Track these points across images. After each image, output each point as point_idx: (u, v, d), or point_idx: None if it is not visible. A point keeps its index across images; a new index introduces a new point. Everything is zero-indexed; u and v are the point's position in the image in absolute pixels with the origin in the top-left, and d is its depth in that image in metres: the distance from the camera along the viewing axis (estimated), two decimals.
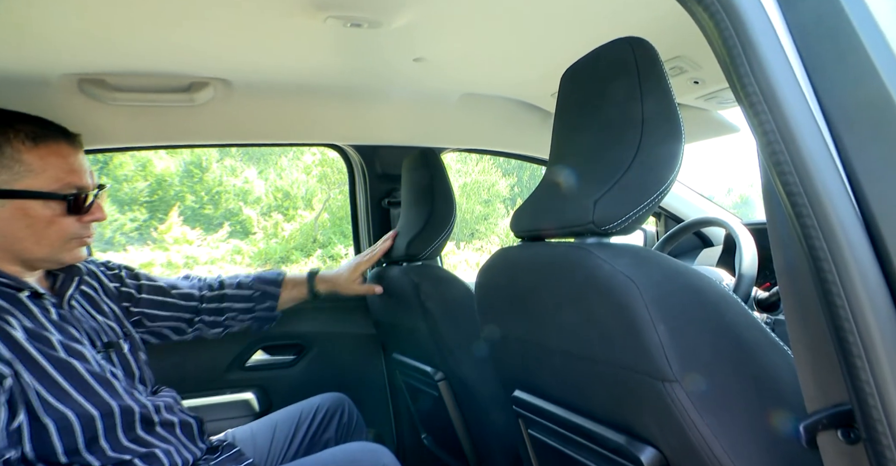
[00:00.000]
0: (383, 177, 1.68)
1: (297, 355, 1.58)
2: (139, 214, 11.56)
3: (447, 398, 1.25)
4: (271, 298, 1.30)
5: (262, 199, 12.69)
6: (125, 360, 0.98)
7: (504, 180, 15.02)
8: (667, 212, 1.76)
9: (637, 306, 0.57)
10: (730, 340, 0.57)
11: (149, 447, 0.89)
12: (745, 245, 1.13)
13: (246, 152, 13.25)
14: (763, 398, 0.55)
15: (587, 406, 0.74)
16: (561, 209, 0.74)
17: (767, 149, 0.45)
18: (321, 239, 12.18)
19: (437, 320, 1.19)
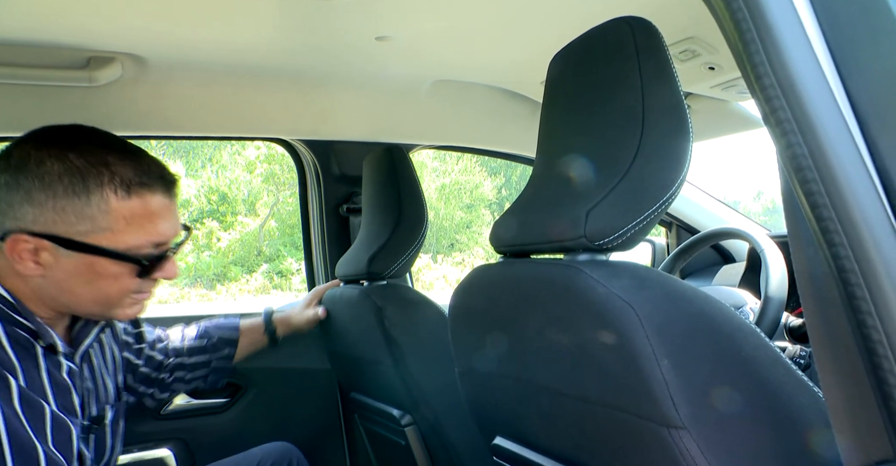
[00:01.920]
0: (341, 178, 1.67)
1: (230, 397, 1.55)
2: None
3: (416, 447, 1.24)
4: (229, 345, 1.33)
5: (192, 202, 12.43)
6: (101, 438, 0.97)
7: (490, 181, 15.12)
8: (679, 222, 1.79)
9: (636, 337, 0.57)
10: (748, 379, 0.57)
11: None
12: (772, 261, 1.15)
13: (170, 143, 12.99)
14: (790, 450, 0.56)
15: (580, 457, 0.73)
16: (548, 220, 0.74)
17: (787, 151, 0.45)
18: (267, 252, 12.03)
19: (405, 352, 1.19)
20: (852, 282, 0.43)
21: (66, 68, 1.20)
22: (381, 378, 1.28)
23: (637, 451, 0.62)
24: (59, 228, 0.81)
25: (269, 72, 1.35)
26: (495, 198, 15.02)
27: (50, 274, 0.84)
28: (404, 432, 1.23)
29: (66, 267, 0.83)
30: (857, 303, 0.43)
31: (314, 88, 1.43)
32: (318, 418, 1.62)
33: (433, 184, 13.98)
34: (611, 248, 0.70)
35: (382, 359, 1.22)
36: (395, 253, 1.30)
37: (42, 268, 0.83)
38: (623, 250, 0.72)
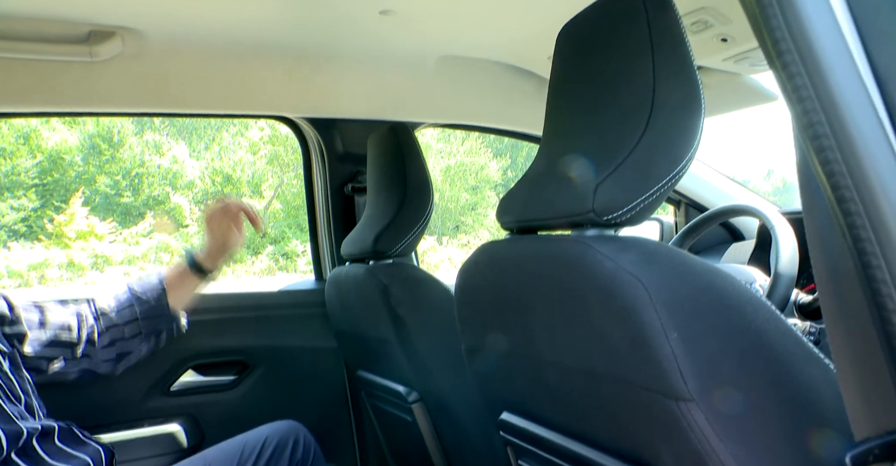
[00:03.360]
0: (345, 157, 1.66)
1: (237, 375, 1.56)
2: (26, 201, 10.93)
3: (423, 423, 1.25)
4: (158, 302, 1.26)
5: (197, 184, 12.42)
6: (7, 380, 0.95)
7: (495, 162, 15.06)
8: (687, 200, 1.78)
9: (645, 311, 0.57)
10: (758, 351, 0.57)
11: None
12: (783, 238, 1.14)
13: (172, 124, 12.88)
14: (800, 421, 0.56)
15: (587, 431, 0.74)
16: (556, 196, 0.73)
17: (804, 122, 0.44)
18: (272, 234, 12.07)
19: (411, 330, 1.19)
20: (868, 252, 0.42)
21: (66, 42, 1.19)
22: (387, 356, 1.29)
23: (644, 424, 0.63)
24: None
25: (271, 48, 1.33)
26: (501, 179, 14.97)
27: None
28: (411, 409, 1.24)
29: None
30: (872, 272, 0.42)
31: (317, 64, 1.42)
32: (324, 396, 1.64)
33: (438, 166, 13.95)
34: (619, 223, 0.69)
35: (388, 337, 1.23)
36: (400, 231, 1.30)
37: None
38: (631, 225, 0.72)
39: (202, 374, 1.56)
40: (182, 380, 1.52)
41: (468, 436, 1.18)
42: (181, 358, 1.49)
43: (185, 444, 1.45)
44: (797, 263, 1.12)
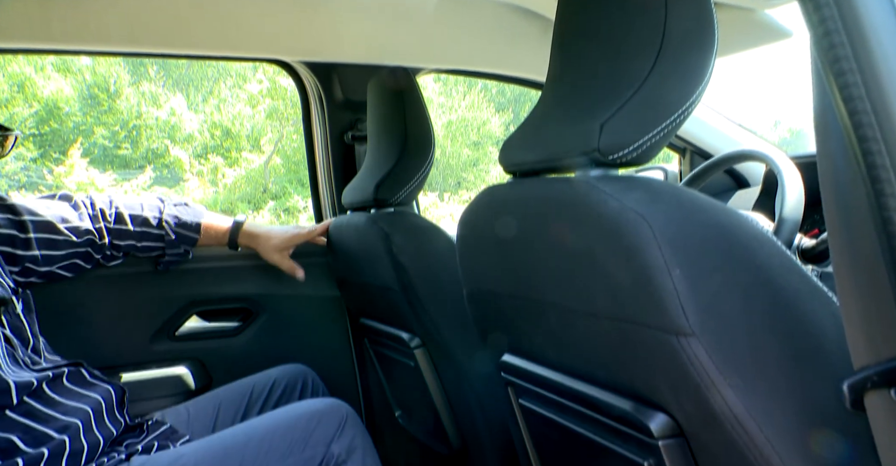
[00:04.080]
0: (345, 104, 1.63)
1: (241, 322, 1.58)
2: (25, 151, 10.90)
3: (425, 368, 1.27)
4: (188, 243, 1.35)
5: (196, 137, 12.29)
6: (18, 323, 0.96)
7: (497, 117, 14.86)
8: (693, 147, 1.75)
9: (649, 248, 0.57)
10: (762, 287, 0.57)
11: (45, 422, 0.89)
12: (789, 182, 1.13)
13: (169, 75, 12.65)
14: (800, 353, 0.56)
15: (587, 370, 0.75)
16: (559, 136, 0.72)
17: (828, 54, 0.42)
18: (273, 189, 12.03)
19: (413, 277, 1.19)
20: (882, 179, 0.41)
21: None
22: (389, 303, 1.29)
23: (644, 360, 0.63)
24: None
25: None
26: (503, 135, 14.80)
27: None
28: (413, 354, 1.26)
29: None
30: (885, 201, 0.41)
31: (315, 4, 1.37)
32: (327, 343, 1.66)
33: (439, 121, 13.78)
34: (624, 163, 0.68)
35: (391, 285, 1.23)
36: (402, 179, 1.29)
37: None
38: (636, 165, 0.70)
39: (206, 320, 1.58)
40: (188, 326, 1.54)
41: (469, 379, 1.20)
42: (185, 303, 1.50)
43: (192, 386, 1.48)
44: (802, 208, 1.11)
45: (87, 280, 1.36)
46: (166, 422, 1.13)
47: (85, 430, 0.92)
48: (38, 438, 0.87)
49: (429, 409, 1.33)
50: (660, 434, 0.63)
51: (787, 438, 0.54)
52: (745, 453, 0.56)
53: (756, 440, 0.55)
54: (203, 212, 1.40)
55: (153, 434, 1.05)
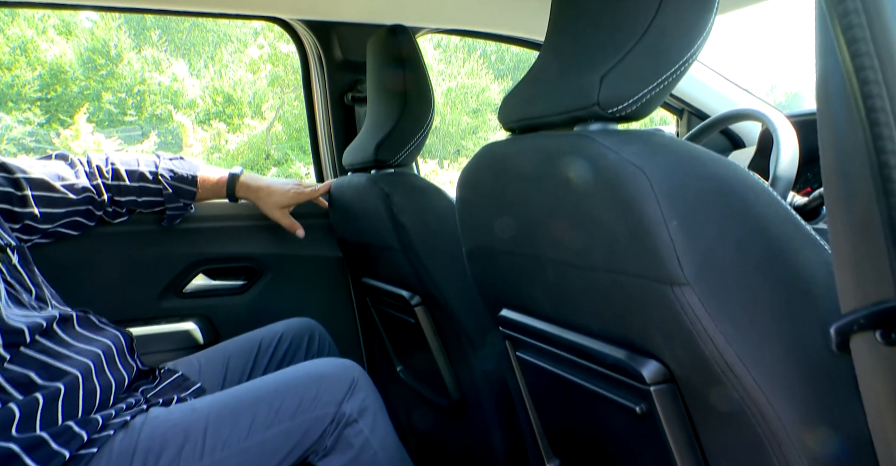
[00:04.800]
0: (345, 65, 1.59)
1: (247, 280, 1.59)
2: (32, 116, 10.84)
3: (425, 324, 1.28)
4: (186, 197, 1.34)
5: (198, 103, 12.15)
6: (16, 273, 0.96)
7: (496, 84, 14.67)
8: (691, 108, 1.73)
9: (646, 201, 0.56)
10: (756, 236, 0.56)
11: (58, 359, 0.90)
12: (784, 140, 1.12)
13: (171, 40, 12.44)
14: (791, 300, 0.56)
15: (583, 322, 0.75)
16: (558, 91, 0.71)
17: (839, 10, 0.41)
18: (276, 156, 11.95)
19: (413, 237, 1.19)
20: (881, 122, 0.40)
21: None
22: (390, 262, 1.30)
23: (638, 311, 0.63)
24: None
25: None
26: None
27: None
28: (414, 311, 1.27)
29: None
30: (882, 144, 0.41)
31: None
32: (330, 301, 1.67)
33: (439, 89, 13.60)
34: (623, 117, 0.67)
35: (391, 244, 1.23)
36: (401, 140, 1.27)
37: None
38: (635, 119, 0.69)
39: (213, 279, 1.58)
40: (194, 283, 1.55)
41: (468, 334, 1.21)
42: (192, 262, 1.50)
43: (200, 341, 1.50)
44: (796, 166, 1.11)
45: (94, 237, 1.36)
46: (178, 371, 1.14)
47: (97, 372, 0.93)
48: (54, 373, 0.87)
49: (429, 364, 1.34)
50: (652, 380, 0.64)
51: (774, 380, 0.55)
52: (733, 394, 0.56)
53: (744, 382, 0.55)
54: (199, 165, 1.38)
55: (166, 382, 1.06)
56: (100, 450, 0.86)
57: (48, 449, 0.82)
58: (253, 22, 12.60)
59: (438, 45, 14.29)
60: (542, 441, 0.97)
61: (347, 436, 0.97)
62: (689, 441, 0.65)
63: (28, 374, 0.85)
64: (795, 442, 0.55)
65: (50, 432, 0.83)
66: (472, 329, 1.21)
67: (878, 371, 0.47)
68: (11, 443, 0.80)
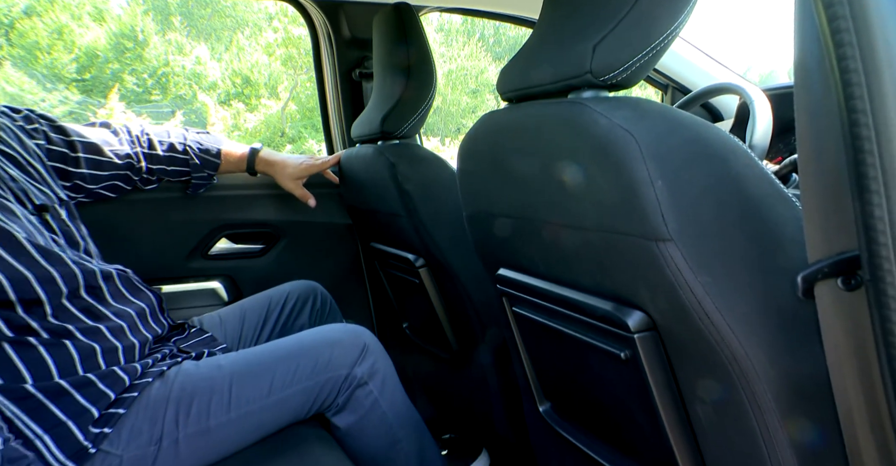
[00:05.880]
0: (352, 42, 1.56)
1: (265, 244, 1.59)
2: (70, 95, 10.91)
3: (428, 284, 1.28)
4: (210, 168, 1.34)
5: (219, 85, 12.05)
6: (65, 227, 0.96)
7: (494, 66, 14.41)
8: (675, 83, 1.70)
9: (635, 163, 0.55)
10: (735, 194, 0.56)
11: (99, 319, 0.90)
12: (759, 112, 1.10)
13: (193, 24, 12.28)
14: (763, 252, 0.56)
15: (574, 278, 0.75)
16: (553, 61, 0.69)
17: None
18: (290, 134, 11.86)
19: (417, 203, 1.19)
20: (853, 83, 0.40)
21: None
22: (396, 227, 1.29)
23: (625, 266, 0.64)
24: None
25: None
26: None
27: None
28: (418, 272, 1.27)
29: None
30: (853, 103, 0.40)
31: None
32: (342, 264, 1.68)
33: (440, 71, 13.38)
34: (614, 85, 0.66)
35: (397, 211, 1.23)
36: (406, 112, 1.26)
37: None
38: (625, 86, 0.68)
39: (235, 243, 1.59)
40: (218, 247, 1.55)
41: (467, 292, 1.22)
42: (215, 226, 1.51)
43: (225, 298, 1.51)
44: (770, 136, 1.10)
45: (129, 202, 1.36)
46: (204, 327, 1.16)
47: (132, 330, 0.94)
48: (91, 331, 0.88)
49: (432, 320, 1.36)
50: (636, 328, 0.64)
51: (746, 325, 0.55)
52: (709, 339, 0.57)
53: (719, 327, 0.56)
54: (223, 139, 1.38)
55: (195, 339, 1.07)
56: (139, 395, 0.87)
57: (96, 388, 0.84)
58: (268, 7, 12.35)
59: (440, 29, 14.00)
60: (535, 386, 0.98)
61: (358, 397, 0.99)
62: (668, 381, 0.66)
63: (68, 327, 0.86)
64: (763, 380, 0.56)
65: (96, 374, 0.85)
66: (471, 287, 1.22)
67: (837, 312, 0.47)
68: (62, 380, 0.82)
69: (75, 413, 0.81)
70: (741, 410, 0.58)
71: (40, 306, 0.83)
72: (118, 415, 0.84)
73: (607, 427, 0.83)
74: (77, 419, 0.81)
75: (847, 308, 0.46)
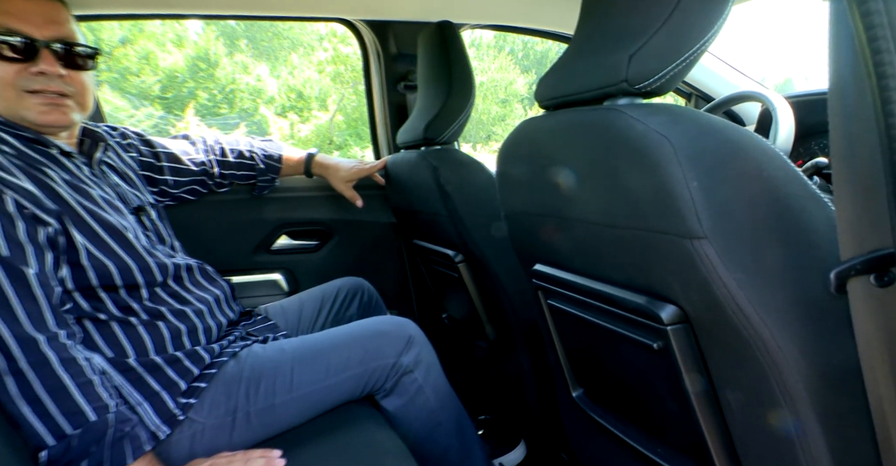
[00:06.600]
0: (398, 57, 1.58)
1: (320, 241, 1.62)
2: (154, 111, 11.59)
3: (466, 278, 1.28)
4: (273, 172, 1.39)
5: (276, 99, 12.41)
6: (155, 226, 1.01)
7: (522, 78, 14.29)
8: (698, 92, 1.65)
9: (670, 165, 0.54)
10: (767, 195, 0.54)
11: (184, 303, 0.95)
12: (782, 117, 1.06)
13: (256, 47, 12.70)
14: (796, 249, 0.54)
15: (607, 273, 0.74)
16: (590, 70, 0.68)
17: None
18: (337, 142, 12.06)
19: (457, 204, 1.19)
20: (891, 88, 0.38)
21: None
22: (437, 226, 1.30)
23: (659, 262, 0.62)
24: None
25: None
26: (527, 93, 14.31)
27: None
28: (458, 267, 1.27)
29: None
30: (891, 108, 0.38)
31: None
32: (386, 259, 1.69)
33: None
34: (649, 92, 0.64)
35: (438, 211, 1.23)
36: (447, 120, 1.26)
37: None
38: (659, 94, 0.66)
39: (294, 239, 1.62)
40: (279, 242, 1.59)
41: (502, 285, 1.21)
42: (277, 225, 1.54)
43: (285, 288, 1.55)
44: (792, 141, 1.06)
45: (204, 204, 1.41)
46: (268, 314, 1.19)
47: (210, 314, 0.98)
48: (178, 313, 0.93)
49: (469, 311, 1.36)
50: (669, 321, 0.63)
51: (778, 318, 0.54)
52: (741, 331, 0.55)
53: (752, 321, 0.54)
54: (283, 146, 1.43)
55: (261, 325, 1.11)
56: (217, 372, 0.91)
57: (183, 365, 0.88)
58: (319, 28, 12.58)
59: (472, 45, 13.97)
60: (567, 372, 0.97)
61: (404, 383, 1.00)
62: (699, 370, 0.64)
63: (161, 310, 0.91)
64: (794, 370, 0.54)
65: (183, 352, 0.89)
66: (506, 281, 1.21)
67: (870, 308, 0.45)
68: (156, 357, 0.87)
69: (167, 384, 0.86)
70: (772, 398, 0.56)
71: (138, 290, 0.89)
72: (201, 389, 0.88)
73: (638, 412, 0.82)
74: (169, 390, 0.86)
75: (879, 303, 0.44)
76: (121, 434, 0.76)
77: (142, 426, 0.80)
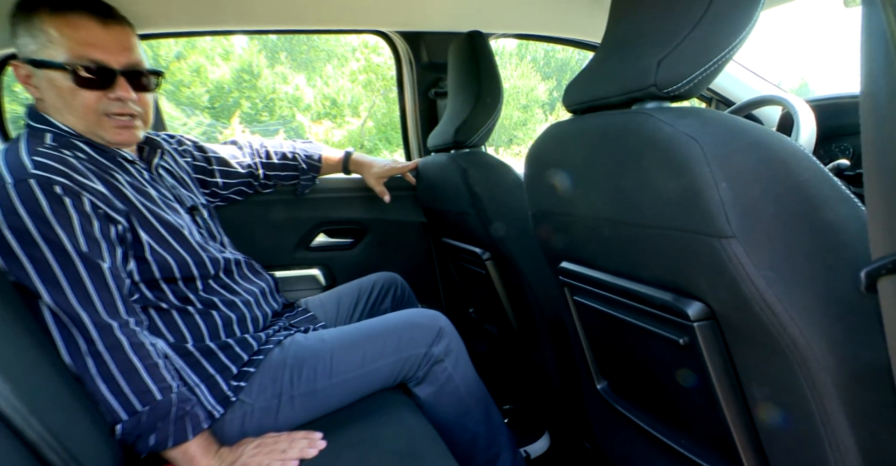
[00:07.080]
0: (429, 66, 1.58)
1: (355, 239, 1.64)
2: (203, 119, 12.04)
3: (493, 275, 1.28)
4: (314, 171, 1.42)
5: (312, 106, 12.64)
6: (207, 224, 1.05)
7: (543, 84, 14.15)
8: (718, 96, 1.61)
9: (699, 166, 0.53)
10: (796, 194, 0.52)
11: (234, 294, 0.98)
12: (804, 121, 1.02)
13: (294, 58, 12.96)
14: (826, 249, 0.52)
15: (634, 271, 0.72)
16: (618, 75, 0.67)
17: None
18: (367, 146, 12.18)
19: (485, 204, 1.18)
20: None
21: None
22: (465, 225, 1.30)
23: (686, 260, 0.61)
24: (27, 50, 0.81)
25: None
26: (547, 99, 14.17)
27: (44, 95, 0.83)
28: (485, 264, 1.27)
29: (43, 85, 0.82)
30: None
31: None
32: (417, 256, 1.70)
33: None
34: (676, 96, 0.63)
35: (467, 210, 1.23)
36: (476, 124, 1.26)
37: (38, 91, 0.84)
38: (686, 98, 0.65)
39: (331, 237, 1.64)
40: (318, 240, 1.61)
41: (528, 281, 1.20)
42: (316, 223, 1.56)
43: (323, 283, 1.57)
44: (814, 143, 1.02)
45: (250, 204, 1.44)
46: (308, 307, 1.21)
47: (256, 305, 1.00)
48: (229, 303, 0.96)
49: (496, 305, 1.35)
50: (696, 317, 0.61)
51: (806, 315, 0.52)
52: (770, 328, 0.53)
53: (781, 318, 0.52)
54: (322, 147, 1.46)
55: (302, 317, 1.13)
56: (264, 358, 0.93)
57: (233, 351, 0.91)
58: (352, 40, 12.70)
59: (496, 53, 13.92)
60: (592, 365, 0.96)
61: (435, 372, 1.00)
62: (725, 365, 0.63)
63: (213, 300, 0.94)
64: (823, 366, 0.52)
65: (234, 339, 0.92)
66: (532, 278, 1.20)
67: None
68: (211, 343, 0.90)
69: (220, 368, 0.89)
70: (799, 393, 0.55)
71: (194, 282, 0.92)
72: (250, 373, 0.91)
73: (662, 405, 0.80)
74: (222, 373, 0.89)
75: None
76: (182, 412, 0.79)
77: (200, 405, 0.83)
